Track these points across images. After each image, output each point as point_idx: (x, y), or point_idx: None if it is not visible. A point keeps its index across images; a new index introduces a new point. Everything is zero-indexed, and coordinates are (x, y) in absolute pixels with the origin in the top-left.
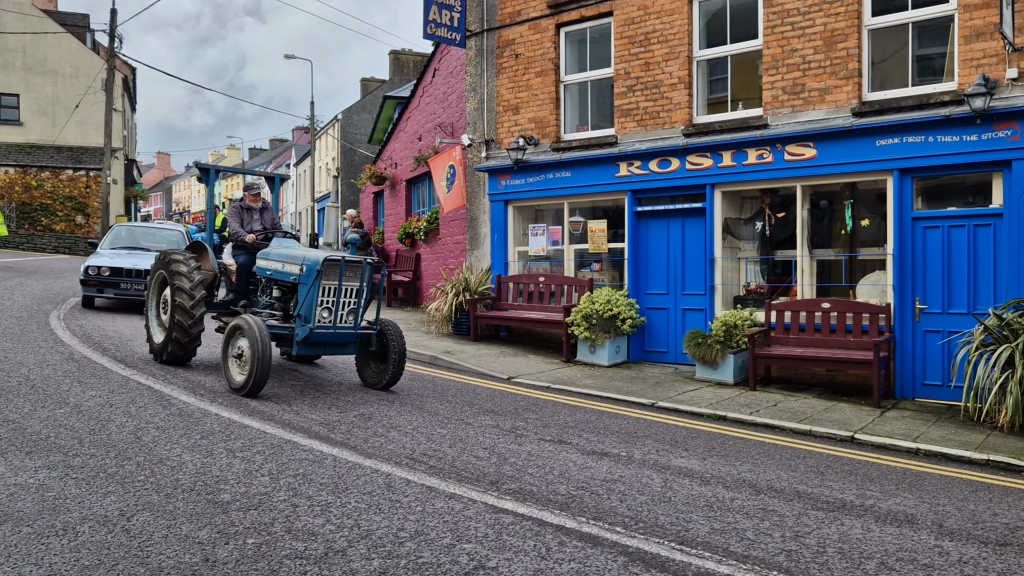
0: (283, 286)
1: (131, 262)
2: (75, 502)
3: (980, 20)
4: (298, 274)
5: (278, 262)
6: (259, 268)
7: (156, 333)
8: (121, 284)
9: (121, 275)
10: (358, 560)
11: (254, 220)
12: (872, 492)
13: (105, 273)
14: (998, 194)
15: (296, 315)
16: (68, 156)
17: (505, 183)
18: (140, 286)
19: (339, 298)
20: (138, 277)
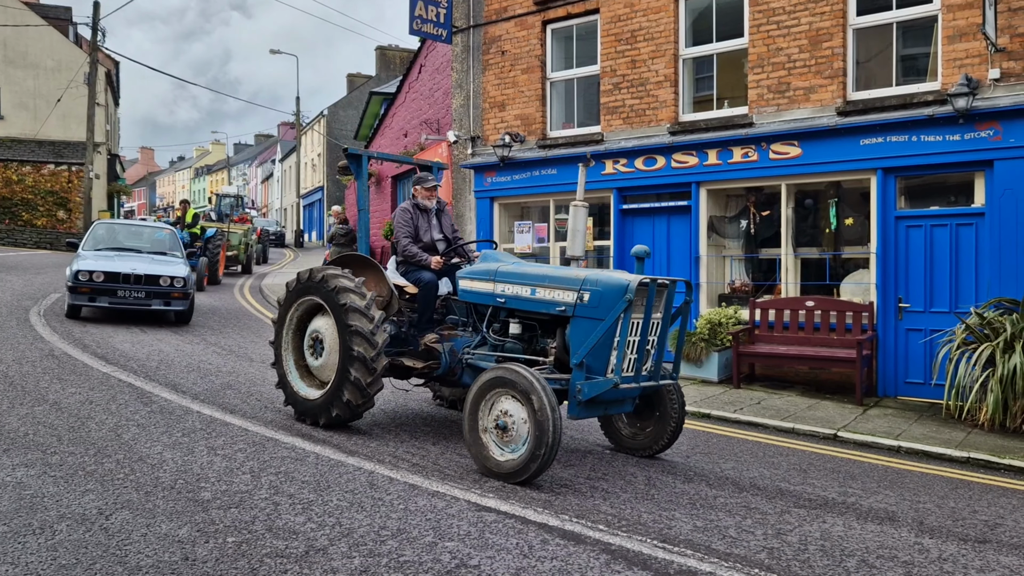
0: (530, 319)
1: (129, 266)
2: (53, 500)
3: (963, 20)
4: (574, 303)
5: (522, 284)
6: (467, 292)
7: (300, 385)
8: (118, 292)
9: (118, 281)
10: (339, 558)
11: (432, 227)
12: (854, 490)
13: (99, 279)
14: (980, 194)
15: (577, 364)
16: (50, 150)
17: (491, 180)
18: (140, 294)
19: (644, 336)
20: (137, 283)
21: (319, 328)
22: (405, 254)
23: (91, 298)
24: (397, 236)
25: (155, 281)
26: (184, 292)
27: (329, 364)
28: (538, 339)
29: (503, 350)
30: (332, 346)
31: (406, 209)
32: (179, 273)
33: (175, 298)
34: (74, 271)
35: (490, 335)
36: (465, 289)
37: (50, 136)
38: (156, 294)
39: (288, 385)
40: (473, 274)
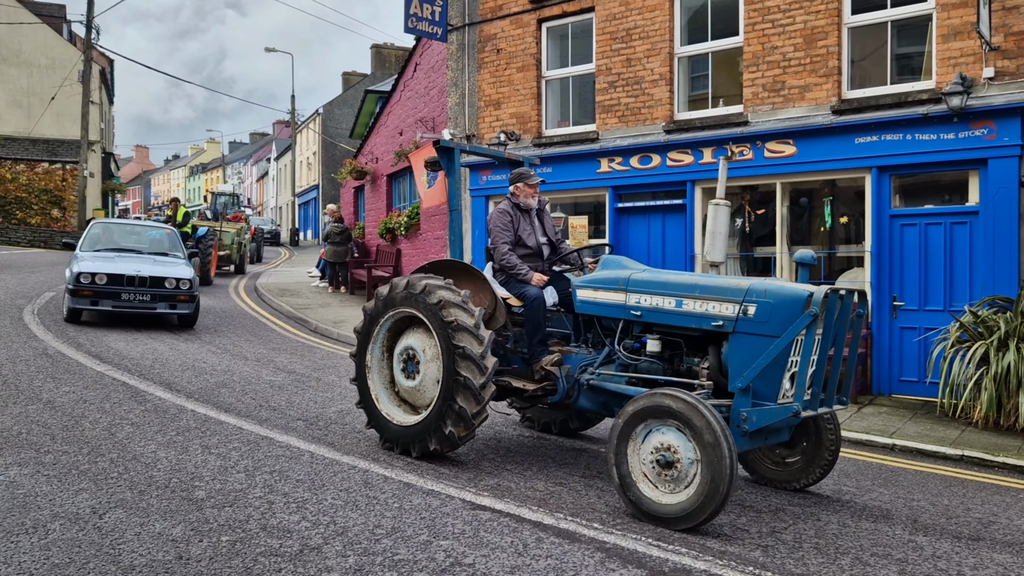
0: (672, 335)
1: (132, 267)
2: (46, 499)
3: (957, 19)
4: (735, 317)
5: (664, 295)
6: (588, 304)
7: (390, 408)
8: (122, 295)
9: (121, 284)
10: (334, 557)
11: (535, 230)
12: (848, 487)
13: (102, 281)
14: (974, 192)
15: (742, 388)
16: (44, 149)
17: (486, 178)
18: (145, 297)
19: (822, 355)
20: (142, 286)
21: (414, 345)
22: (504, 264)
23: (93, 301)
24: (495, 242)
25: (160, 283)
26: (190, 294)
27: (426, 387)
28: (682, 358)
29: (636, 370)
30: (431, 367)
31: (505, 211)
32: (184, 275)
33: (181, 301)
34: (74, 273)
35: (622, 353)
36: (586, 300)
37: (44, 134)
38: (161, 297)
39: (375, 407)
40: (597, 283)
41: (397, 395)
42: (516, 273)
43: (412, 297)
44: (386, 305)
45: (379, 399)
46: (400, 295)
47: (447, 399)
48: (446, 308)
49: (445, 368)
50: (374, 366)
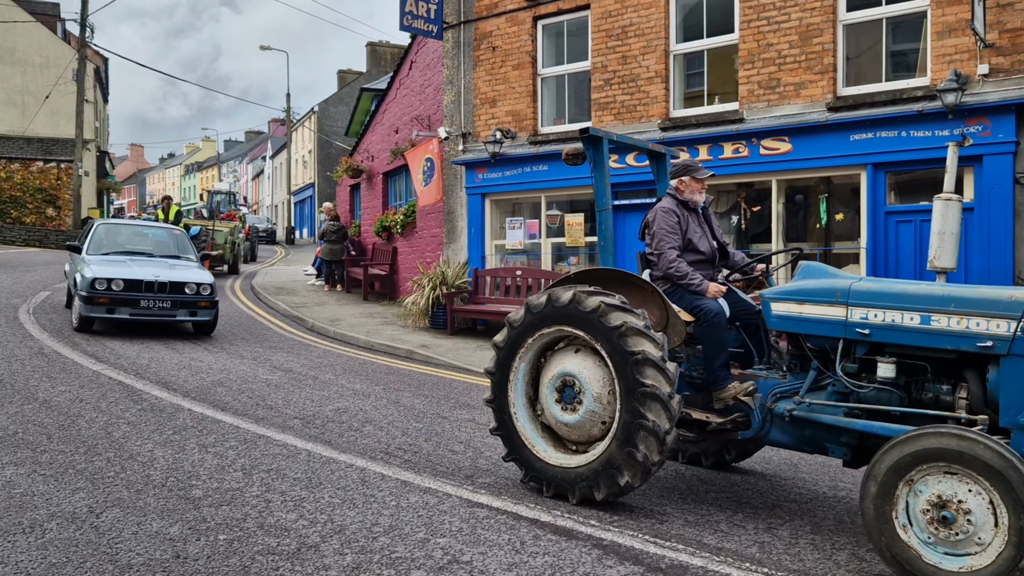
0: (914, 358)
1: (150, 272)
2: (43, 499)
3: (952, 16)
4: (1010, 337)
5: (904, 309)
6: (790, 319)
7: (540, 444)
8: (141, 302)
9: (140, 290)
10: (331, 555)
11: (705, 232)
12: (845, 483)
13: (118, 288)
14: (969, 189)
15: (1022, 425)
16: (38, 147)
17: (482, 176)
18: (165, 303)
19: None
20: (162, 292)
21: (574, 372)
22: (672, 273)
23: (109, 309)
24: (659, 246)
25: (180, 289)
26: (211, 300)
27: (589, 424)
28: (925, 385)
29: (860, 399)
30: (600, 401)
31: (670, 210)
32: (205, 279)
33: (202, 307)
34: (88, 279)
35: (845, 380)
36: (786, 315)
37: (38, 133)
38: (182, 303)
39: (521, 442)
40: (802, 295)
41: (545, 427)
42: (689, 284)
43: (580, 317)
44: (540, 321)
45: (529, 434)
46: (560, 311)
47: (626, 443)
48: (630, 337)
49: (623, 406)
50: (519, 392)
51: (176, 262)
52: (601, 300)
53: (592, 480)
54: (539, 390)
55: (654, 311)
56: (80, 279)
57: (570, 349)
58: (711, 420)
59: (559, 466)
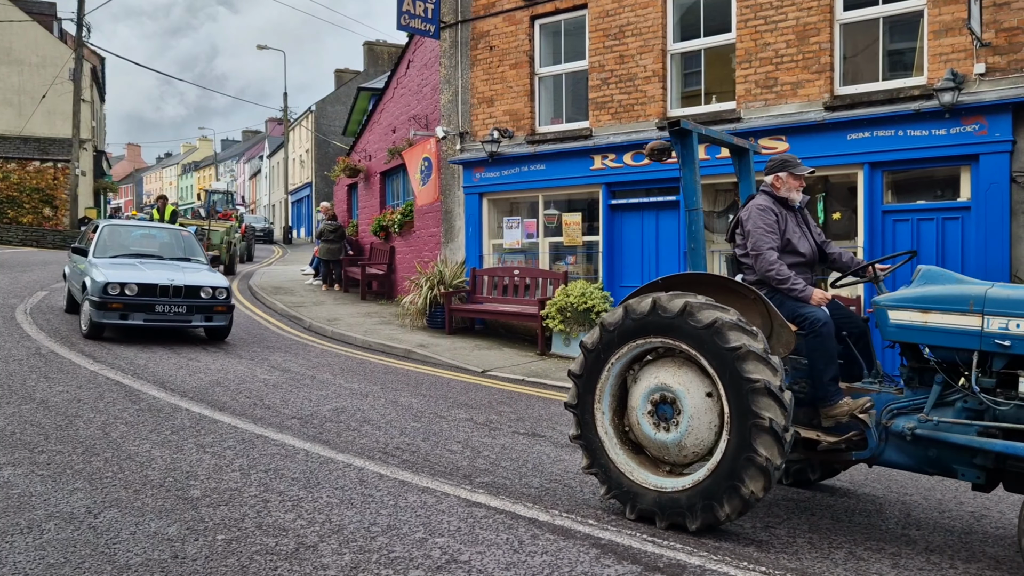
0: None
1: (165, 276)
2: (40, 499)
3: (949, 16)
4: None
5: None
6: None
7: (632, 467)
8: (156, 307)
9: (155, 294)
10: (329, 555)
11: (804, 232)
12: (842, 482)
13: (132, 292)
14: (966, 188)
15: None
16: (35, 147)
17: (480, 176)
18: (181, 309)
19: None
20: (177, 297)
21: (673, 387)
22: (772, 276)
23: (123, 315)
24: (757, 246)
25: (196, 293)
26: (228, 305)
27: (687, 446)
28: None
29: (1000, 417)
30: (701, 423)
31: (767, 208)
32: (221, 283)
33: (218, 312)
34: (100, 283)
35: (980, 394)
36: (908, 325)
37: (35, 133)
38: (198, 308)
39: (604, 455)
40: (928, 301)
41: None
42: (791, 289)
43: (690, 331)
44: (642, 329)
45: (617, 456)
46: (668, 322)
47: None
48: (748, 361)
49: (732, 434)
50: (605, 401)
51: (187, 265)
52: (717, 315)
53: (687, 508)
54: (627, 401)
55: (755, 319)
56: (91, 283)
57: (668, 359)
58: (822, 439)
59: (649, 488)
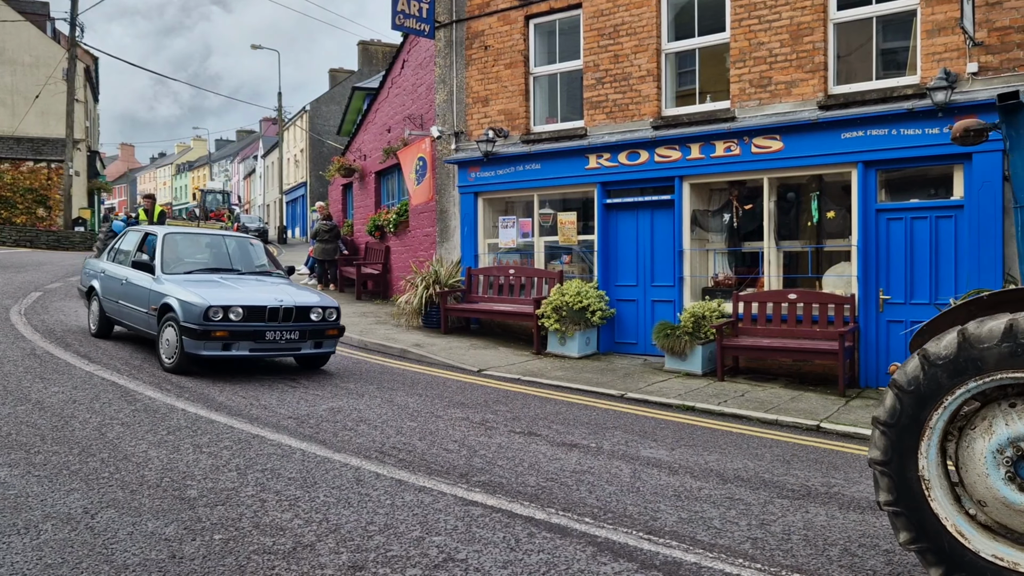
0: None
1: (270, 295)
2: (37, 500)
3: (941, 15)
4: None
5: None
6: None
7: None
8: (267, 334)
9: (263, 318)
10: (327, 554)
11: None
12: (837, 480)
13: (237, 316)
14: (959, 186)
15: None
16: (28, 147)
17: (475, 175)
18: (293, 334)
19: None
20: (287, 320)
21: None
22: None
23: (226, 345)
24: None
25: (306, 315)
26: (339, 327)
27: None
28: None
29: None
30: None
31: None
32: (330, 302)
33: (329, 336)
34: (199, 307)
35: None
36: None
37: (28, 133)
38: (310, 333)
39: (938, 527)
40: None
41: (970, 516)
42: None
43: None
44: (975, 367)
45: (951, 517)
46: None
47: None
48: None
49: None
50: (931, 458)
51: (272, 279)
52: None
53: None
54: (958, 460)
55: None
56: (181, 306)
57: (1008, 403)
58: None
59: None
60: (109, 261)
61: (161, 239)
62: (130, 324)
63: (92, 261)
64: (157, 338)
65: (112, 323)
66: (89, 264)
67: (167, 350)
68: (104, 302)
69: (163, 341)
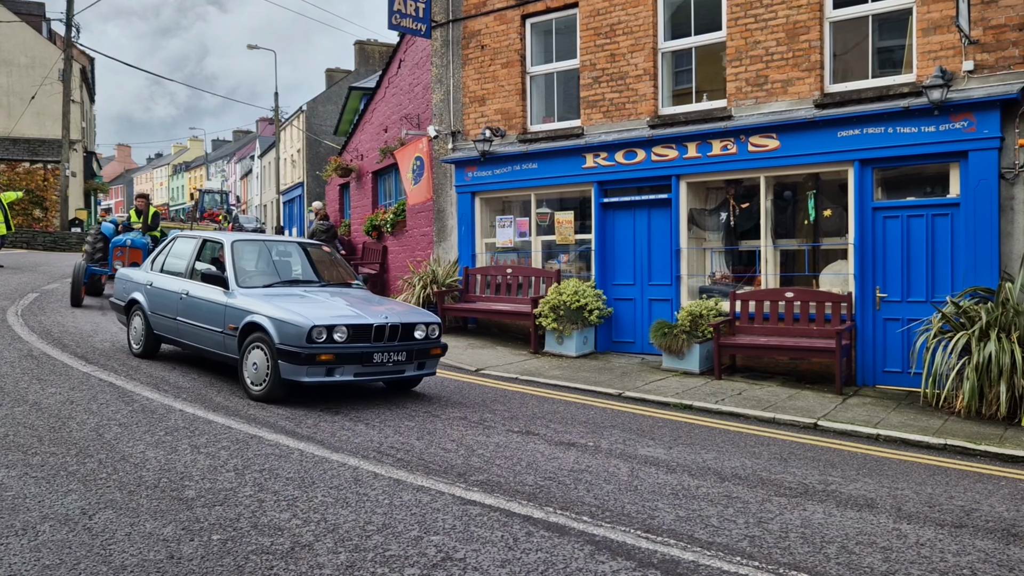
0: None
1: (373, 312)
2: (35, 501)
3: (937, 13)
4: None
5: None
6: None
7: None
8: (374, 356)
9: (368, 339)
10: (325, 554)
11: None
12: (834, 477)
13: (342, 337)
14: (955, 184)
15: None
16: (25, 148)
17: (472, 175)
18: (400, 355)
19: None
20: (392, 339)
21: None
22: None
23: (330, 370)
24: None
25: (410, 333)
26: (442, 346)
27: None
28: None
29: None
30: None
31: None
32: (432, 318)
33: (432, 356)
34: (304, 327)
35: None
36: None
37: (24, 134)
38: (415, 353)
39: None
40: None
41: None
42: None
43: None
44: None
45: None
46: None
47: None
48: None
49: None
50: None
51: (359, 292)
52: None
53: None
54: None
55: None
56: (277, 327)
57: None
58: None
59: None
60: (154, 271)
61: (230, 247)
62: (191, 344)
63: (129, 271)
64: (239, 362)
65: (160, 341)
66: (127, 274)
67: (254, 376)
68: (152, 318)
69: (248, 366)
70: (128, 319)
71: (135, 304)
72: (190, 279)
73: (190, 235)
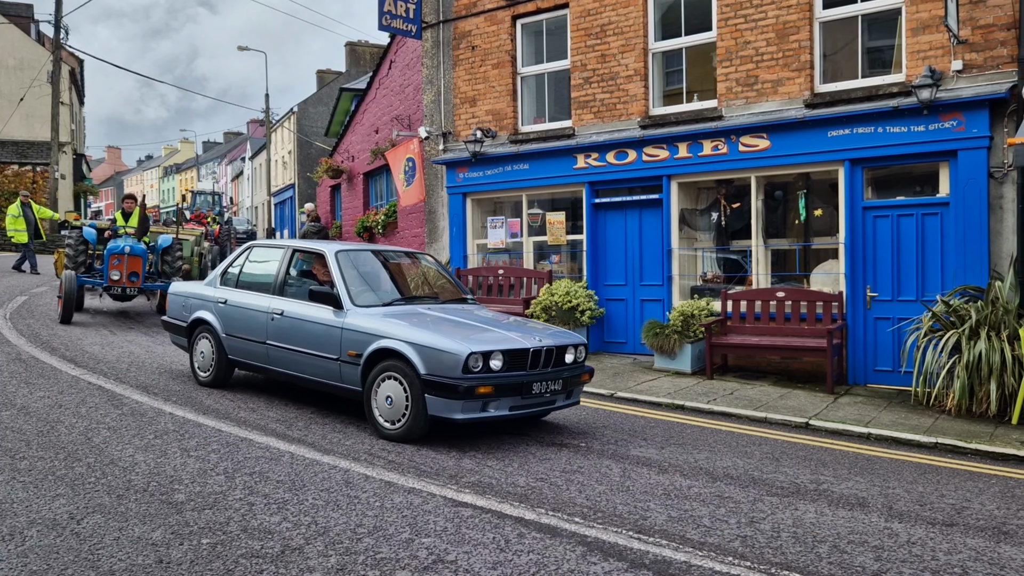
0: None
1: (527, 337)
2: (22, 506)
3: (926, 13)
4: None
5: None
6: None
7: None
8: (533, 387)
9: (524, 367)
10: (315, 557)
11: None
12: (825, 476)
13: (497, 364)
14: (945, 184)
15: None
16: (13, 151)
17: (463, 176)
18: (556, 384)
19: None
20: (547, 366)
21: None
22: None
23: (484, 405)
24: None
25: (562, 358)
26: (591, 371)
27: None
28: None
29: None
30: None
31: None
32: (580, 339)
33: (580, 383)
34: (459, 356)
35: None
36: None
37: (13, 136)
38: (568, 381)
39: None
40: None
41: None
42: None
43: None
44: None
45: None
46: None
47: None
48: None
49: None
50: None
51: (476, 307)
52: None
53: None
54: None
55: None
56: (422, 355)
57: None
58: None
59: None
60: (226, 286)
61: (335, 259)
62: (285, 371)
63: (188, 285)
64: (365, 396)
65: (234, 367)
66: (184, 288)
67: (388, 412)
68: (228, 341)
69: (379, 400)
70: (191, 343)
71: (201, 325)
72: (280, 295)
73: (273, 244)
